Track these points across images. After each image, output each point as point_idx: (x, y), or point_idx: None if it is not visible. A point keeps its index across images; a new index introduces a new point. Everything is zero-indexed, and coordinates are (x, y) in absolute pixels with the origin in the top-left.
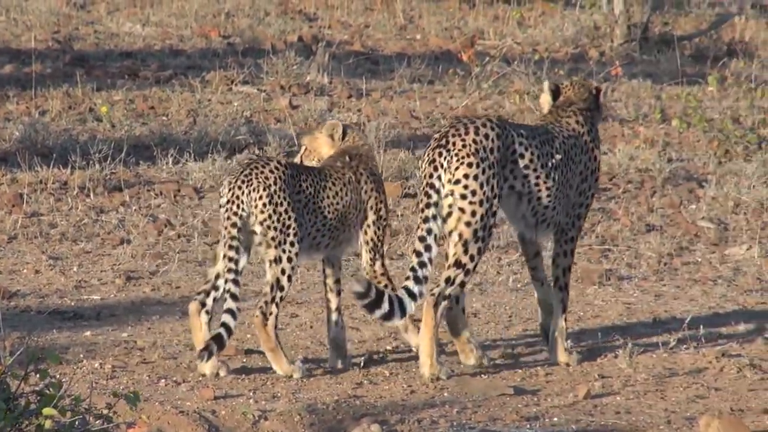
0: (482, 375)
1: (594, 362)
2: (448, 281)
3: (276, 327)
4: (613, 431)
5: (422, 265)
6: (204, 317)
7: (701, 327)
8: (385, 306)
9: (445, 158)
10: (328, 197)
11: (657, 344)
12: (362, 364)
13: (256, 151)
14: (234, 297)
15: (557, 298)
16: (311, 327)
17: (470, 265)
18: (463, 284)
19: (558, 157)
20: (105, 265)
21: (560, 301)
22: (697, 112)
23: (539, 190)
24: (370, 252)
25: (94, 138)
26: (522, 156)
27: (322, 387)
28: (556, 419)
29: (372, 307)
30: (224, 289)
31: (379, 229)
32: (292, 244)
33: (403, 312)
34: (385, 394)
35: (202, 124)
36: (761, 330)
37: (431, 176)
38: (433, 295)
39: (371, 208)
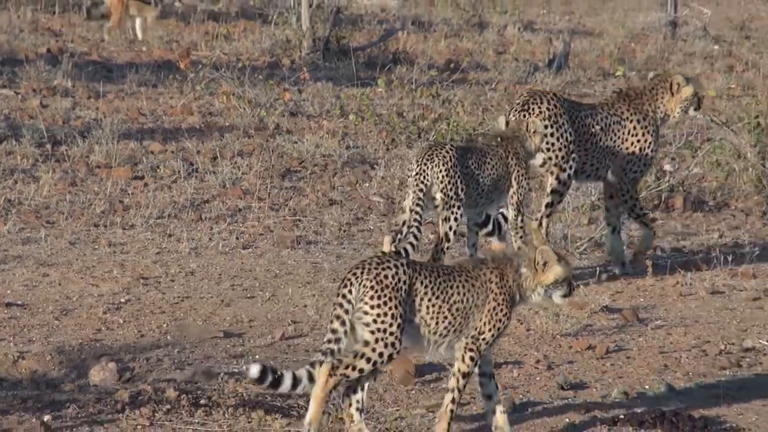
0: (197, 321)
1: (288, 310)
2: (547, 205)
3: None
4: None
5: None
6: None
7: None
8: (490, 226)
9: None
10: (486, 170)
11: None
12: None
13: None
14: (416, 237)
15: (641, 225)
16: (60, 284)
17: (562, 189)
18: (558, 203)
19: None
20: None
21: (645, 225)
22: (369, 108)
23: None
24: (513, 210)
25: None
26: (574, 121)
27: (69, 332)
28: (257, 357)
29: (481, 226)
30: (409, 230)
31: (519, 195)
32: (459, 207)
33: (500, 230)
34: (119, 338)
35: None
36: None
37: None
38: (537, 219)
39: (515, 178)
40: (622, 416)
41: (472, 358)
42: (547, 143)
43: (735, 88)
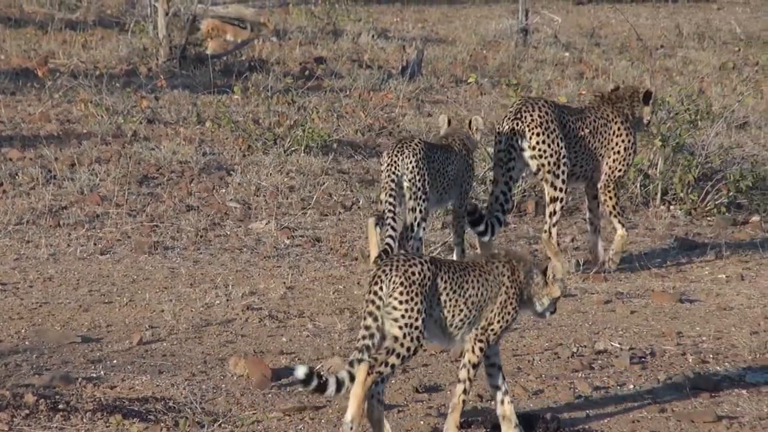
0: (55, 326)
1: (145, 315)
2: (551, 214)
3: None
4: (161, 371)
5: (507, 201)
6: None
7: (230, 286)
8: (482, 226)
9: (520, 128)
10: (450, 165)
11: (195, 300)
12: None
13: None
14: (393, 228)
15: (613, 222)
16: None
17: (561, 195)
18: (562, 208)
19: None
20: None
21: (621, 225)
22: (226, 115)
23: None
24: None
25: None
26: (564, 126)
27: None
28: (115, 361)
29: (474, 224)
30: (386, 222)
31: (469, 185)
32: (424, 200)
33: (493, 233)
34: None
35: None
36: (279, 287)
37: (511, 139)
38: (546, 231)
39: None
40: (477, 419)
41: (481, 349)
42: (539, 150)
43: (585, 95)
